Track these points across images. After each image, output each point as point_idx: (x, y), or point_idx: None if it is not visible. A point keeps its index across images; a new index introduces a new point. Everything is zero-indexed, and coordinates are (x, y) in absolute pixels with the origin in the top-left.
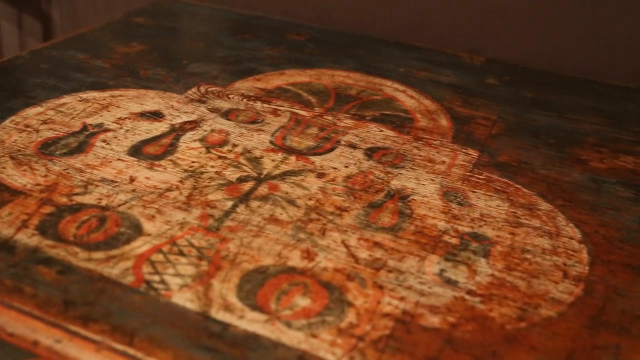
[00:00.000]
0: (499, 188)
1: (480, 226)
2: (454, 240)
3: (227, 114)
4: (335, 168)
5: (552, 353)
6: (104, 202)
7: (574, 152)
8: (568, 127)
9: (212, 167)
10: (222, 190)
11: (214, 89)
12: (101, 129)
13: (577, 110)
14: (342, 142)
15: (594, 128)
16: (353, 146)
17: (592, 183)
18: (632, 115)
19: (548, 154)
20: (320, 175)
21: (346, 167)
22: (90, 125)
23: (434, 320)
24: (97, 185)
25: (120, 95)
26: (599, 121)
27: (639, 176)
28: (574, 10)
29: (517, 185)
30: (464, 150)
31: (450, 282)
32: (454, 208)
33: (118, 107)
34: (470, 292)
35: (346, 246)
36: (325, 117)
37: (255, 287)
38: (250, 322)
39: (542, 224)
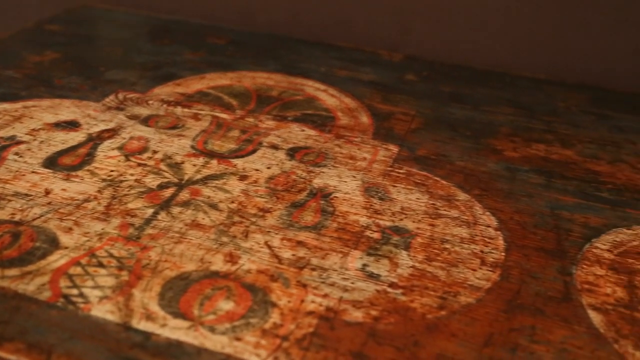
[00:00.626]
0: (419, 181)
1: (401, 219)
2: (376, 235)
3: (146, 121)
4: (257, 170)
5: (471, 338)
6: (17, 217)
7: (489, 142)
8: (483, 119)
9: (132, 175)
10: (142, 198)
11: (132, 95)
12: (13, 141)
13: (492, 102)
14: (264, 144)
15: (508, 119)
16: (275, 147)
17: (507, 172)
18: (543, 104)
19: (465, 145)
20: (243, 178)
21: (268, 168)
22: (2, 138)
23: (357, 315)
24: (9, 200)
25: (33, 106)
26: (512, 112)
27: (550, 163)
28: (487, 6)
29: (435, 178)
30: (384, 146)
31: (372, 276)
32: (375, 203)
33: (31, 118)
34: (392, 285)
35: (269, 247)
36: (246, 119)
37: (178, 294)
38: (173, 330)
39: (460, 214)
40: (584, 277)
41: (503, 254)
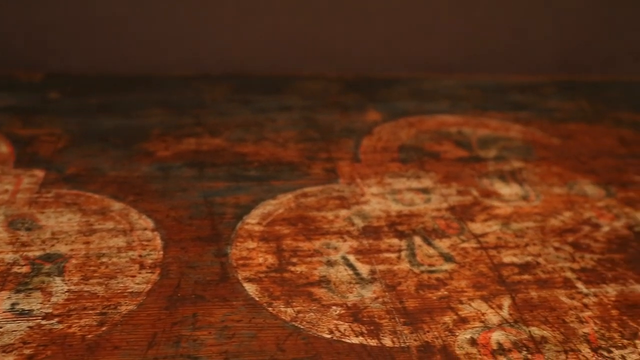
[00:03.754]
0: (70, 201)
1: (53, 245)
2: (25, 269)
3: None
4: None
5: (134, 345)
6: None
7: (141, 147)
8: (134, 124)
9: None
10: None
11: None
12: None
13: (142, 107)
14: None
15: (159, 120)
16: None
17: (160, 172)
18: (191, 100)
19: (117, 155)
20: None
21: None
22: None
23: None
24: None
25: None
26: (162, 112)
27: (200, 154)
28: (133, 12)
29: (88, 194)
30: (28, 172)
31: (24, 314)
32: (22, 235)
33: None
34: (46, 316)
35: None
36: None
37: None
38: None
39: (115, 224)
40: (239, 253)
41: (161, 252)
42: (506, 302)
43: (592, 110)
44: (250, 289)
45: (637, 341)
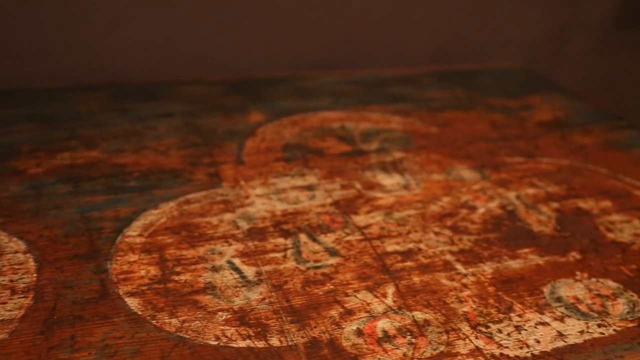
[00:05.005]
0: None
1: None
2: None
3: None
4: None
5: None
6: None
7: (10, 165)
8: (1, 142)
9: None
10: None
11: None
12: None
13: (9, 122)
14: None
15: (29, 135)
16: None
17: (32, 190)
18: (63, 112)
19: None
20: None
21: None
22: None
23: None
24: None
25: None
26: (32, 127)
27: (76, 168)
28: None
29: None
30: None
31: None
32: None
33: None
34: None
35: None
36: None
37: None
38: None
39: None
40: (119, 268)
41: (35, 275)
42: (390, 290)
43: (466, 98)
44: (133, 303)
45: (511, 314)
